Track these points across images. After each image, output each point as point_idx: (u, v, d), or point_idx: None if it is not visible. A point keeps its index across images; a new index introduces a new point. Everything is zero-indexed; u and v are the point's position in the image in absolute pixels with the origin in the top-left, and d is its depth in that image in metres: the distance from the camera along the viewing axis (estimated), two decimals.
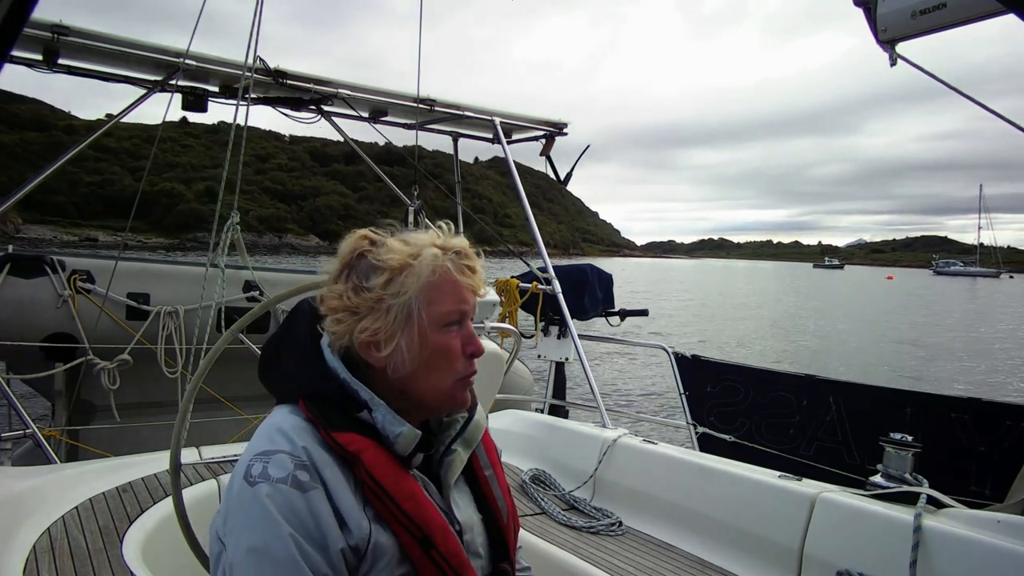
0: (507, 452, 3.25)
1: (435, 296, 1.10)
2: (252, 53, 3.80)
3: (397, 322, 1.09)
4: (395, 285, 1.09)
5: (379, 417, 1.09)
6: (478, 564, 1.17)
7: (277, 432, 1.06)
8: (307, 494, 0.99)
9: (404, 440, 1.09)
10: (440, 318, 1.11)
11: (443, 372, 1.13)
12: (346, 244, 1.16)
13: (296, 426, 1.07)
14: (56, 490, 2.32)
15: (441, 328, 1.11)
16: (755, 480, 2.40)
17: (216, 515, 1.05)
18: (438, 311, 1.11)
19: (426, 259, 1.10)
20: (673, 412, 8.44)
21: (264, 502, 0.97)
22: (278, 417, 1.10)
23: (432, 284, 1.10)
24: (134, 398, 4.36)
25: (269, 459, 1.01)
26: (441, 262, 1.11)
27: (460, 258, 1.13)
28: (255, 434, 1.10)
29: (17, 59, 3.77)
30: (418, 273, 1.09)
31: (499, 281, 5.32)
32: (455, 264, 1.12)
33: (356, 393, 1.10)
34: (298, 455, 1.02)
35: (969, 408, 3.92)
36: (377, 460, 1.06)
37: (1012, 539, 1.80)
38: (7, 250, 4.11)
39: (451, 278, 1.11)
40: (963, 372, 17.58)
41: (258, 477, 0.99)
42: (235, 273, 4.37)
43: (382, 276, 1.09)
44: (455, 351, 1.13)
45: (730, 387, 4.92)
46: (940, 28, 2.71)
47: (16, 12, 0.67)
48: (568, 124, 5.71)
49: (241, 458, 1.06)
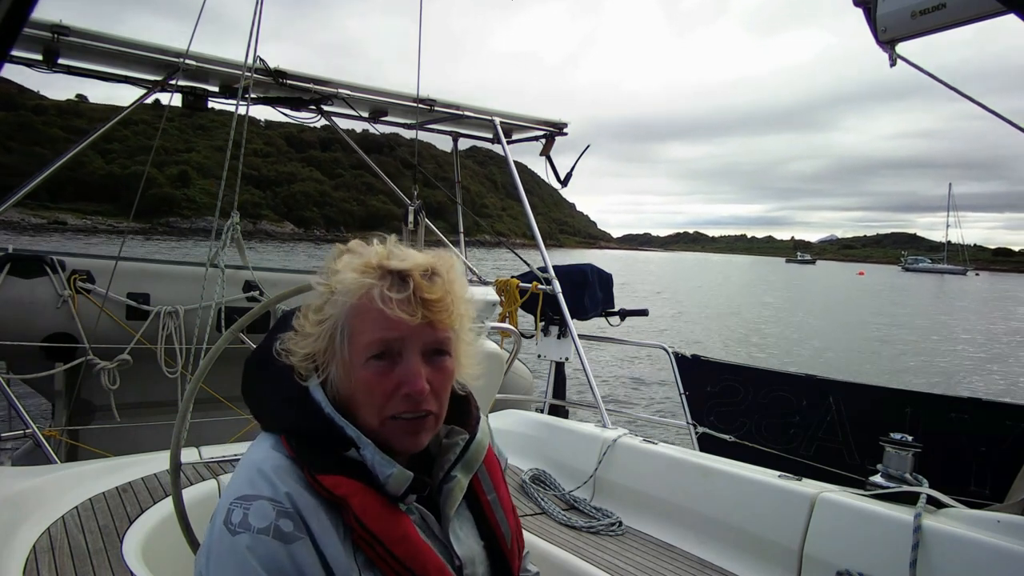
0: (507, 452, 3.25)
1: (357, 322, 1.01)
2: (252, 53, 3.80)
3: (328, 350, 1.03)
4: (323, 312, 1.03)
5: (368, 456, 1.01)
6: None
7: (258, 474, 0.99)
8: (291, 546, 0.93)
9: (395, 482, 1.01)
10: (361, 348, 1.00)
11: (369, 410, 1.02)
12: (329, 255, 1.11)
13: (278, 467, 0.99)
14: (56, 490, 2.32)
15: (364, 361, 1.00)
16: (755, 480, 2.40)
17: (199, 553, 1.00)
18: (359, 340, 1.00)
19: (344, 283, 1.01)
20: (673, 412, 8.44)
21: (245, 555, 0.92)
22: (260, 454, 1.03)
23: (352, 309, 1.01)
24: (134, 398, 4.36)
25: (250, 505, 0.95)
26: (358, 284, 1.00)
27: (393, 281, 1.01)
28: (237, 468, 1.04)
29: (17, 59, 3.77)
30: (336, 299, 1.02)
31: (499, 281, 5.32)
32: (381, 292, 0.99)
33: (342, 430, 1.02)
34: (280, 501, 0.95)
35: (969, 408, 3.91)
36: (366, 504, 0.99)
37: (1012, 539, 1.80)
38: (7, 250, 4.11)
39: (374, 306, 0.99)
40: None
41: (238, 526, 0.93)
42: (235, 273, 4.37)
43: (321, 298, 1.04)
44: (381, 389, 1.01)
45: (730, 387, 4.92)
46: (940, 28, 2.71)
47: (16, 12, 0.67)
48: (568, 124, 5.71)
49: (222, 498, 1.00)
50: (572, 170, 5.58)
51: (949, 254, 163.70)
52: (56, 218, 71.94)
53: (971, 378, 16.90)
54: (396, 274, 1.02)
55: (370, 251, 1.05)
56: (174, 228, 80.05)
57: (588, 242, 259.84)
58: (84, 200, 78.21)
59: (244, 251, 4.15)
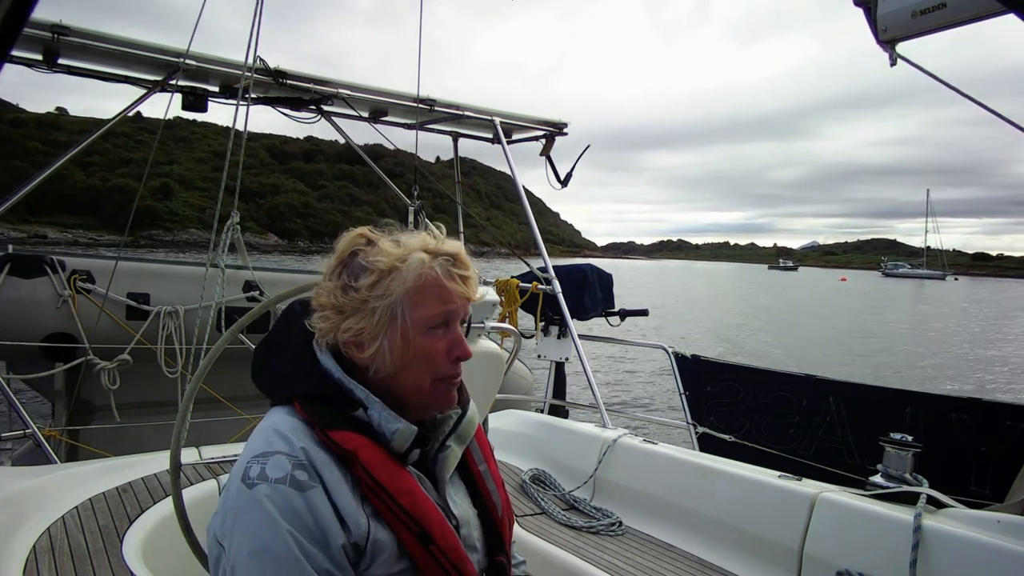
0: (507, 452, 3.25)
1: (420, 300, 1.11)
2: (252, 53, 3.80)
3: (381, 324, 1.10)
4: (381, 287, 1.10)
5: (375, 415, 1.10)
6: (474, 558, 1.18)
7: (274, 433, 1.06)
8: (306, 493, 1.00)
9: (400, 437, 1.10)
10: (424, 322, 1.11)
11: (423, 373, 1.13)
12: (343, 241, 1.17)
13: (293, 427, 1.07)
14: (56, 490, 2.32)
15: (425, 331, 1.11)
16: (755, 480, 2.40)
17: (213, 517, 1.06)
18: (423, 315, 1.11)
19: (413, 263, 1.10)
20: (673, 412, 8.44)
21: (263, 503, 0.98)
22: (274, 419, 1.10)
23: (418, 288, 1.10)
24: (134, 398, 4.36)
25: (267, 460, 1.02)
26: (429, 266, 1.11)
27: (450, 263, 1.13)
28: (251, 437, 1.10)
29: (17, 59, 3.77)
30: (404, 277, 1.10)
31: (499, 281, 5.32)
32: (443, 269, 1.12)
33: (351, 392, 1.11)
34: (296, 455, 1.03)
35: (969, 408, 3.91)
36: (374, 457, 1.07)
37: (1012, 539, 1.80)
38: (7, 250, 4.11)
39: (438, 283, 1.11)
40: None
41: (256, 479, 1.00)
42: (235, 273, 4.37)
43: (370, 277, 1.10)
44: (438, 354, 1.13)
45: (730, 387, 4.92)
46: (940, 28, 2.72)
47: (16, 12, 0.67)
48: (568, 124, 5.71)
49: (238, 461, 1.06)
50: (572, 170, 5.57)
51: (928, 259, 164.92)
52: (36, 231, 70.88)
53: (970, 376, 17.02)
54: (452, 256, 1.14)
55: (418, 238, 1.15)
56: (156, 241, 79.14)
57: (573, 251, 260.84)
58: (65, 213, 77.61)
59: (244, 251, 4.15)
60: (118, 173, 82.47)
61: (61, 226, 75.70)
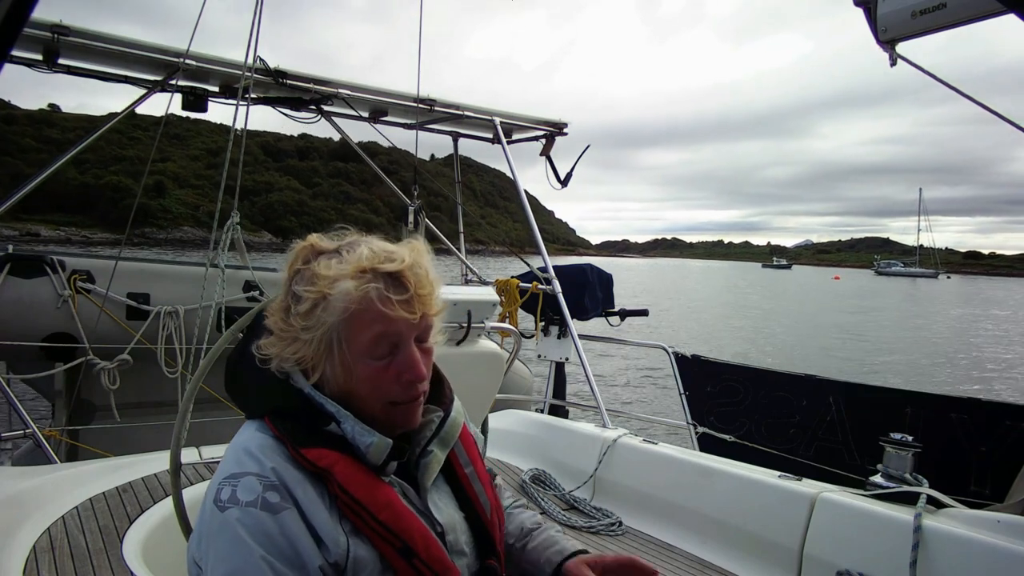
0: (507, 452, 3.25)
1: (355, 328, 1.04)
2: (252, 53, 3.80)
3: (319, 353, 1.05)
4: (312, 317, 1.04)
5: (348, 428, 1.06)
6: (464, 562, 1.15)
7: (244, 453, 1.03)
8: (278, 515, 0.97)
9: (375, 450, 1.06)
10: (363, 350, 1.05)
11: (373, 400, 1.08)
12: (291, 253, 1.12)
13: (263, 445, 1.04)
14: (56, 490, 2.32)
15: (367, 359, 1.05)
16: (755, 480, 2.40)
17: (191, 537, 1.04)
18: (360, 342, 1.05)
19: (340, 291, 1.03)
20: (673, 412, 8.44)
21: (235, 527, 0.95)
22: (245, 435, 1.08)
23: (350, 316, 1.03)
24: (134, 398, 4.36)
25: (237, 482, 0.99)
26: (359, 293, 1.03)
27: (387, 285, 1.04)
28: (224, 454, 1.07)
29: (17, 59, 3.77)
30: (333, 306, 1.03)
31: (499, 281, 5.32)
32: (378, 293, 1.03)
33: (322, 406, 1.07)
34: (267, 476, 1.00)
35: (969, 408, 3.91)
36: (349, 473, 1.03)
37: (1012, 539, 1.80)
38: (7, 250, 4.11)
39: (372, 308, 1.03)
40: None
41: (227, 502, 0.98)
42: (235, 273, 4.37)
43: (303, 305, 1.05)
44: (386, 380, 1.07)
45: (730, 387, 4.92)
46: (940, 28, 2.72)
47: (16, 12, 0.67)
48: (568, 124, 5.71)
49: (211, 481, 1.04)
50: (572, 170, 5.58)
51: (921, 257, 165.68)
52: (28, 230, 70.30)
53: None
54: (390, 276, 1.05)
55: (355, 254, 1.07)
56: (151, 239, 78.85)
57: (567, 249, 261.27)
58: (58, 211, 77.21)
59: (244, 251, 4.15)
60: (111, 170, 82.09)
61: (54, 224, 75.29)
